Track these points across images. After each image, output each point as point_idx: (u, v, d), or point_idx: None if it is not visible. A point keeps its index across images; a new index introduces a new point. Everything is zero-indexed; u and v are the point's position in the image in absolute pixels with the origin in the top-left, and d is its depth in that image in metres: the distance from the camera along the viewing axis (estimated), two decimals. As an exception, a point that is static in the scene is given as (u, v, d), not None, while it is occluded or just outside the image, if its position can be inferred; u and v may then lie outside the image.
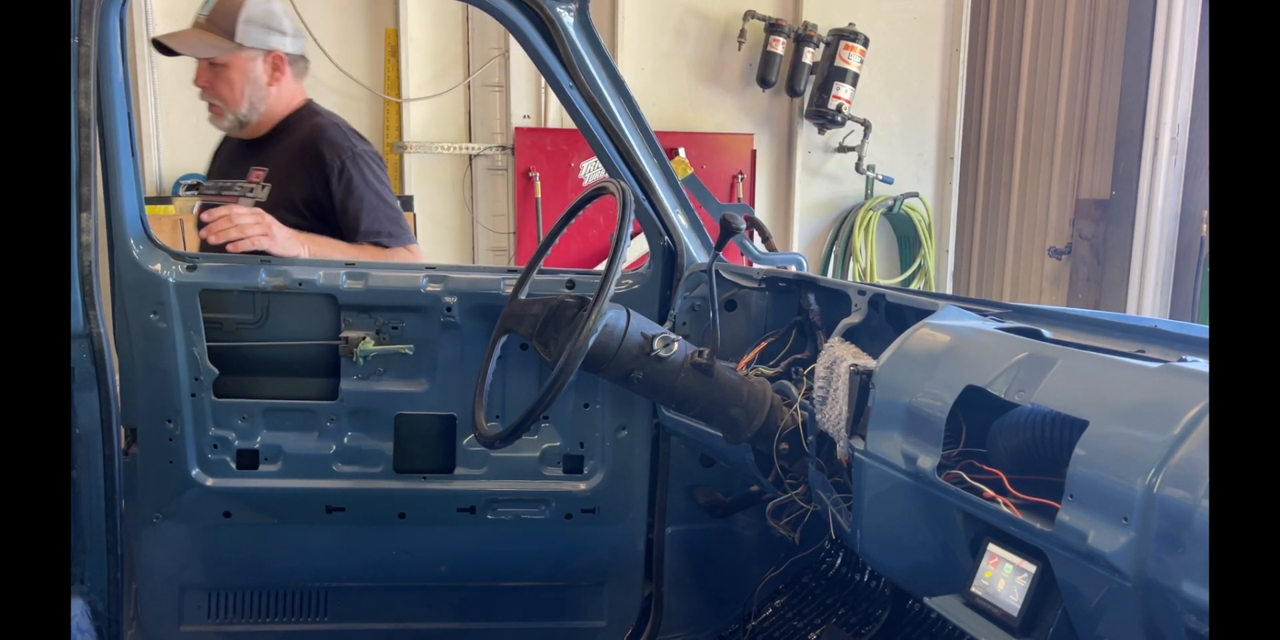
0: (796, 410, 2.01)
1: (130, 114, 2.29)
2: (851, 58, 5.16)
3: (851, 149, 5.37)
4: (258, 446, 2.46)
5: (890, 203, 5.42)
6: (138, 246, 2.32)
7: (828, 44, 5.19)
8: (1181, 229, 4.80)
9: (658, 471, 2.58)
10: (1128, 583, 1.17)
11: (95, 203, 2.15)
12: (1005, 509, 1.36)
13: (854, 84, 5.21)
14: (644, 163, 2.41)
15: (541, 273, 2.33)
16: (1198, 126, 4.70)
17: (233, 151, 2.88)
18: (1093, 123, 5.12)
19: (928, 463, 1.50)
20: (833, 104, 5.18)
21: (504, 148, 5.09)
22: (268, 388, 2.48)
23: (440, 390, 2.49)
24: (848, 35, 5.15)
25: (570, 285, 2.45)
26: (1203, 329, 1.45)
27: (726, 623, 2.68)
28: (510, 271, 2.50)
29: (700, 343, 2.10)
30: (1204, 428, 1.14)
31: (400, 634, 2.61)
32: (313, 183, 2.67)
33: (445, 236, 5.19)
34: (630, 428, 2.55)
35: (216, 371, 2.39)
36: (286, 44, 2.74)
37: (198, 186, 4.66)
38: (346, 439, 2.49)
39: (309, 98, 2.84)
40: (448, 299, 2.44)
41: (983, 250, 5.87)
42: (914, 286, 5.48)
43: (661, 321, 2.42)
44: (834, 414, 1.80)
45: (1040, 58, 5.41)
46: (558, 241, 2.21)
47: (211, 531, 2.48)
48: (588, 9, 2.35)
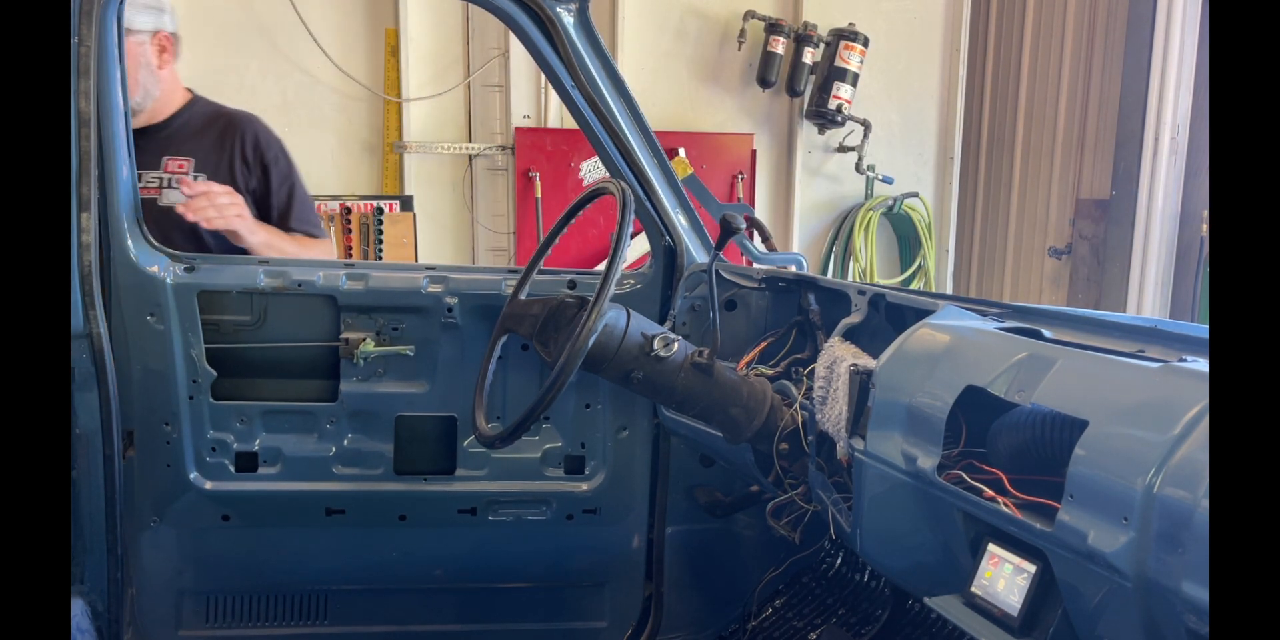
0: (796, 410, 2.01)
1: (128, 114, 2.27)
2: (851, 58, 5.16)
3: (851, 149, 5.37)
4: (256, 449, 2.45)
5: (890, 203, 5.42)
6: (135, 248, 2.30)
7: (828, 44, 5.19)
8: (1181, 229, 4.80)
9: (658, 471, 2.58)
10: (1128, 583, 1.17)
11: (95, 203, 2.15)
12: (1005, 509, 1.36)
13: (854, 84, 5.21)
14: (644, 163, 2.41)
15: (541, 273, 2.33)
16: (1198, 126, 4.70)
17: None
18: (1093, 123, 5.12)
19: (928, 463, 1.50)
20: (833, 104, 5.18)
21: (504, 148, 5.09)
22: (267, 390, 2.46)
23: (441, 391, 2.48)
24: (848, 35, 5.15)
25: (571, 285, 2.45)
26: (1203, 329, 1.45)
27: (726, 623, 2.68)
28: (511, 272, 2.50)
29: (700, 343, 2.10)
30: (1204, 428, 1.14)
31: (401, 636, 2.61)
32: (250, 173, 2.73)
33: (445, 236, 5.19)
34: (631, 428, 2.55)
35: (214, 373, 2.37)
36: (167, 22, 2.60)
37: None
38: (346, 441, 2.48)
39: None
40: (448, 300, 2.43)
41: (983, 250, 5.87)
42: (914, 286, 5.47)
43: (661, 321, 2.42)
44: (834, 414, 1.80)
45: (1040, 58, 5.41)
46: (558, 241, 2.21)
47: (209, 535, 2.46)
48: (588, 9, 2.35)
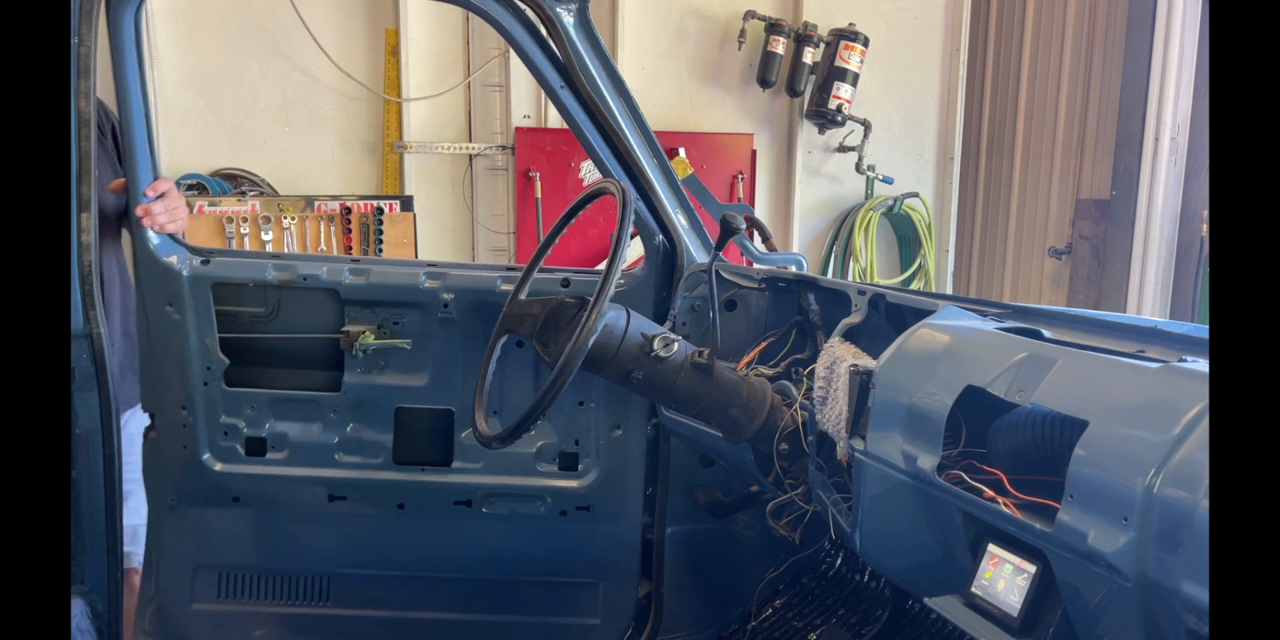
0: (796, 410, 2.01)
1: (149, 112, 2.36)
2: (851, 58, 5.16)
3: (851, 149, 5.38)
4: (265, 435, 2.54)
5: (890, 203, 5.42)
6: (155, 239, 2.40)
7: (828, 44, 5.19)
8: (1181, 229, 4.80)
9: (656, 471, 2.58)
10: (1128, 583, 1.17)
11: (95, 203, 2.16)
12: (1005, 509, 1.36)
13: (854, 84, 5.21)
14: (644, 163, 2.41)
15: (540, 272, 2.34)
16: (1198, 126, 4.70)
17: None
18: (1093, 123, 5.12)
19: (928, 463, 1.50)
20: (833, 104, 5.18)
21: (504, 148, 5.09)
22: (276, 379, 2.55)
23: (439, 385, 2.53)
24: (848, 35, 5.15)
25: (565, 284, 2.47)
26: (1203, 329, 1.45)
27: (726, 623, 2.68)
28: (510, 269, 2.53)
29: (700, 343, 2.10)
30: (1204, 428, 1.14)
31: (398, 623, 2.65)
32: (114, 166, 2.53)
33: (445, 236, 5.19)
34: (625, 427, 2.55)
35: (227, 361, 2.47)
36: None
37: (199, 187, 4.66)
38: (349, 430, 2.55)
39: None
40: (445, 296, 2.49)
41: (983, 250, 5.87)
42: (914, 286, 5.48)
43: (661, 321, 2.43)
44: (834, 414, 1.80)
45: (1040, 58, 5.41)
46: (557, 241, 2.21)
47: (222, 515, 2.56)
48: (588, 9, 2.35)
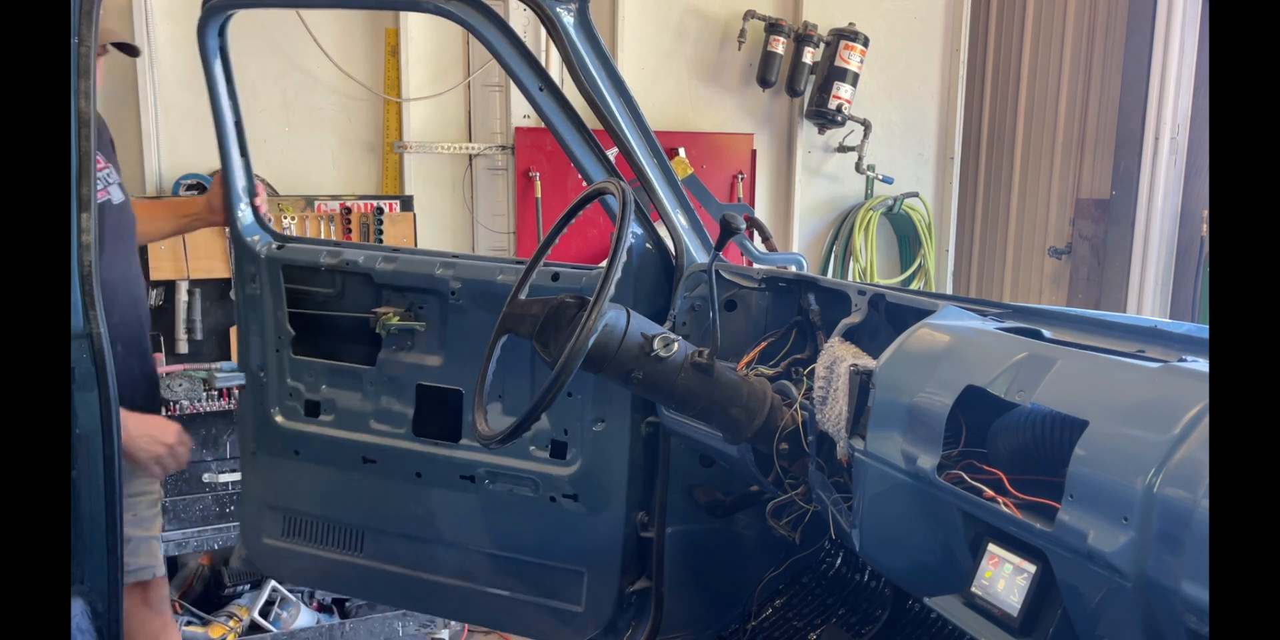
0: (796, 410, 2.01)
1: (240, 118, 2.79)
2: (851, 58, 5.16)
3: (851, 149, 5.37)
4: (320, 399, 2.87)
5: (890, 203, 5.42)
6: (245, 220, 2.83)
7: (828, 44, 5.19)
8: (1181, 229, 4.80)
9: (648, 468, 2.58)
10: (1128, 583, 1.17)
11: (94, 203, 2.15)
12: (1005, 509, 1.36)
13: (854, 84, 5.21)
14: (644, 163, 2.42)
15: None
16: (1198, 126, 4.70)
17: None
18: (1093, 123, 5.12)
19: (928, 463, 1.50)
20: (833, 104, 5.18)
21: (504, 148, 5.08)
22: (330, 351, 2.87)
23: (452, 366, 2.72)
24: (848, 35, 5.15)
25: (555, 278, 2.52)
26: (1203, 329, 1.45)
27: (726, 622, 2.68)
28: (518, 263, 2.63)
29: (700, 343, 2.09)
30: (1204, 428, 1.14)
31: (413, 580, 2.86)
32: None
33: (445, 236, 5.19)
34: (609, 421, 2.56)
35: (294, 333, 2.83)
36: None
37: (198, 187, 4.66)
38: (381, 401, 2.80)
39: None
40: (454, 284, 2.65)
41: (983, 250, 5.87)
42: (914, 286, 5.47)
43: (661, 321, 2.43)
44: (834, 414, 1.80)
45: (1040, 58, 5.41)
46: (558, 241, 2.21)
47: (285, 465, 2.91)
48: (588, 9, 2.35)
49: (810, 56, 5.17)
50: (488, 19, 2.35)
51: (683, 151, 5.07)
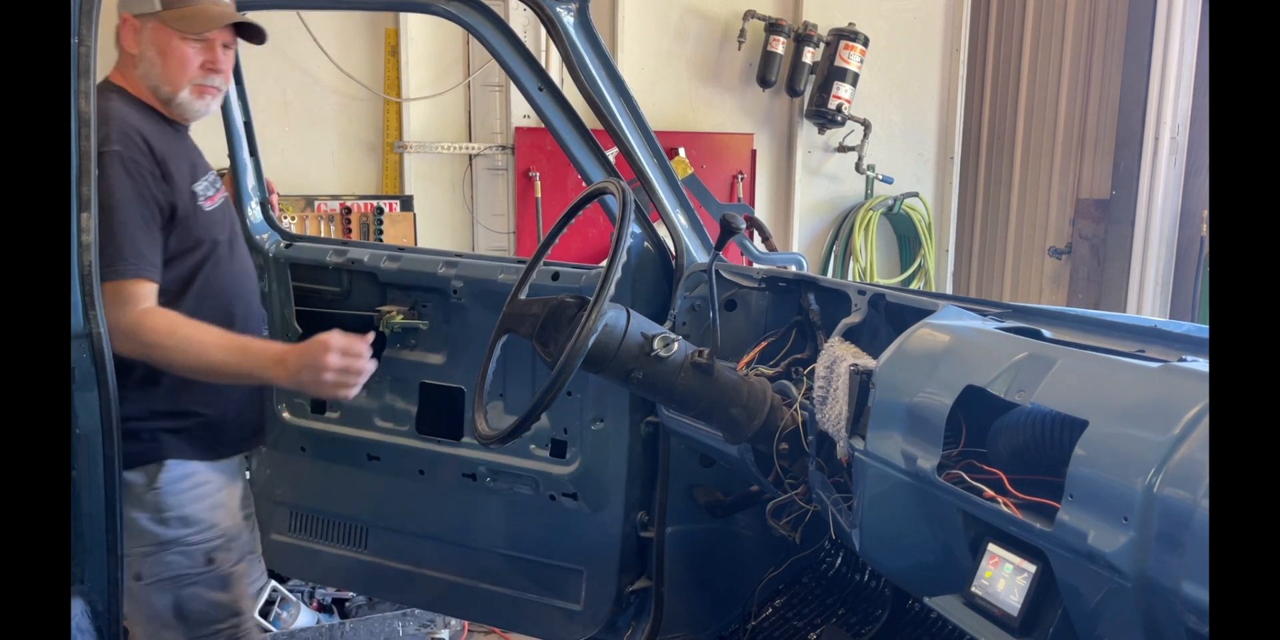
0: (796, 410, 2.01)
1: (249, 118, 2.87)
2: (851, 58, 5.16)
3: (851, 149, 5.37)
4: None
5: (890, 202, 5.42)
6: (254, 218, 2.86)
7: (828, 44, 5.19)
8: (1181, 229, 4.80)
9: (647, 468, 2.58)
10: (1128, 583, 1.17)
11: (95, 203, 2.15)
12: (1005, 509, 1.36)
13: (854, 84, 5.21)
14: (644, 163, 2.42)
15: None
16: (1198, 126, 4.70)
17: (172, 141, 2.28)
18: (1093, 123, 5.12)
19: (928, 462, 1.50)
20: (833, 104, 5.18)
21: (504, 148, 5.09)
22: None
23: (454, 364, 2.75)
24: (848, 35, 5.15)
25: (555, 277, 2.53)
26: (1203, 329, 1.45)
27: (726, 622, 2.68)
28: (518, 262, 2.64)
29: (700, 343, 2.09)
30: (1204, 428, 1.14)
31: (415, 577, 2.88)
32: None
33: (445, 236, 5.19)
34: (607, 421, 2.57)
35: (301, 331, 2.84)
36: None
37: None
38: (386, 398, 2.82)
39: None
40: (455, 283, 2.67)
41: (983, 250, 5.87)
42: (914, 286, 5.47)
43: (661, 321, 2.43)
44: (834, 414, 1.80)
45: (1040, 58, 5.41)
46: (558, 241, 2.21)
47: (292, 461, 2.95)
48: (588, 9, 2.35)
49: (810, 56, 5.17)
50: (487, 19, 2.36)
51: (683, 151, 5.07)
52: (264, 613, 3.88)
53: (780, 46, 5.14)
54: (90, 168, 2.14)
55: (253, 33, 2.35)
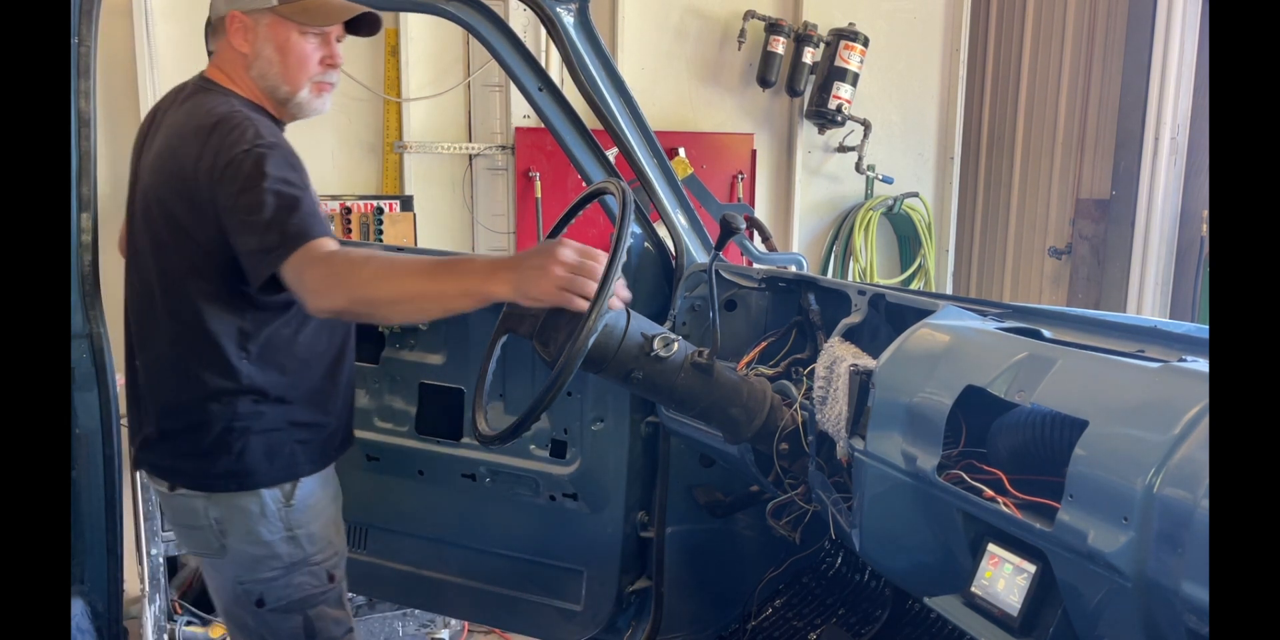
0: (796, 410, 2.01)
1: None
2: (851, 58, 5.16)
3: (851, 149, 5.37)
4: None
5: (890, 203, 5.42)
6: None
7: (828, 44, 5.18)
8: (1181, 229, 4.80)
9: (647, 468, 2.58)
10: (1128, 583, 1.17)
11: (95, 203, 2.15)
12: (1005, 509, 1.36)
13: (854, 84, 5.20)
14: (644, 163, 2.42)
15: None
16: (1198, 126, 4.70)
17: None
18: (1093, 123, 5.12)
19: (928, 463, 1.50)
20: (833, 104, 5.18)
21: (504, 148, 5.08)
22: None
23: (453, 364, 2.70)
24: (848, 35, 5.15)
25: None
26: (1203, 329, 1.45)
27: (726, 623, 2.68)
28: None
29: (700, 343, 2.09)
30: (1204, 428, 1.14)
31: (414, 577, 2.86)
32: None
33: (445, 236, 5.19)
34: (608, 421, 2.57)
35: None
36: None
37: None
38: (385, 398, 2.79)
39: None
40: None
41: (983, 250, 5.87)
42: (914, 286, 5.47)
43: (661, 321, 2.43)
44: (834, 414, 1.80)
45: (1040, 58, 5.41)
46: (557, 241, 2.21)
47: None
48: (588, 9, 2.35)
49: (810, 56, 5.17)
50: (487, 19, 2.36)
51: (683, 151, 5.07)
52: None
53: (780, 46, 5.14)
54: (90, 168, 2.14)
55: (365, 24, 2.14)
